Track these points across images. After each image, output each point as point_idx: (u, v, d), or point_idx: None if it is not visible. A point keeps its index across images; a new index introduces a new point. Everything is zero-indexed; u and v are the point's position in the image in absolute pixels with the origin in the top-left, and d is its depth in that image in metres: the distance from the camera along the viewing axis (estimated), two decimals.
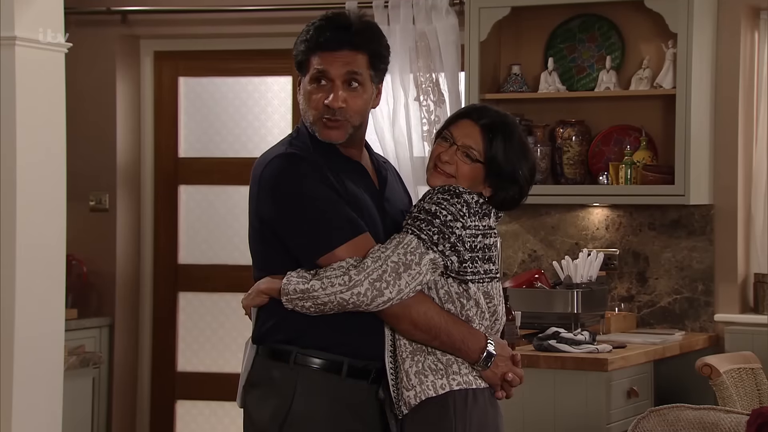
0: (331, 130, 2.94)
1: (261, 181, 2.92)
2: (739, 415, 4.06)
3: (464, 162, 2.93)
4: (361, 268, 2.82)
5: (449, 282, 2.91)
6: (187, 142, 6.48)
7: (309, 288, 2.83)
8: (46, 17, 4.43)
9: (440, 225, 2.85)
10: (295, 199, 2.87)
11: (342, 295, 2.82)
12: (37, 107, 4.41)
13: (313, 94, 2.94)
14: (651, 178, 5.30)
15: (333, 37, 2.91)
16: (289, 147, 2.94)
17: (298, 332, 2.91)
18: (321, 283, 2.82)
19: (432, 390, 2.90)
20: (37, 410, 4.40)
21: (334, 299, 2.82)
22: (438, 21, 5.66)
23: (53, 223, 4.48)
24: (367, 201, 2.96)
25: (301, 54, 2.96)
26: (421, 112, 5.74)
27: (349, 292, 2.81)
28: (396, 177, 3.17)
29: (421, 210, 2.88)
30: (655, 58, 5.45)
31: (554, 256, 5.54)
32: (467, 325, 2.92)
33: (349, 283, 2.81)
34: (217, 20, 6.23)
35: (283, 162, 2.90)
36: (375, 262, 2.82)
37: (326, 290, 2.82)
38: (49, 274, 4.45)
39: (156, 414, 6.47)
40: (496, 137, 2.93)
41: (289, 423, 2.90)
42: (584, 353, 4.72)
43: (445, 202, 2.87)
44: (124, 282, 6.37)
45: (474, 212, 2.89)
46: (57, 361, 4.50)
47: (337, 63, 2.91)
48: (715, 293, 5.44)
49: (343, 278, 2.81)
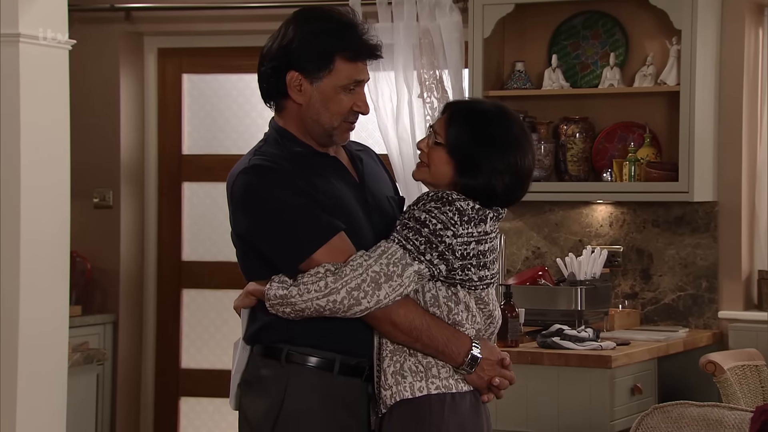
0: (348, 132, 2.97)
1: (232, 197, 2.94)
2: (743, 412, 4.06)
3: (432, 147, 2.93)
4: (338, 275, 2.81)
5: (437, 286, 2.89)
6: (191, 139, 6.48)
7: (287, 294, 2.84)
8: (49, 14, 4.43)
9: (428, 234, 2.83)
10: (265, 212, 2.87)
11: (318, 302, 2.82)
12: (40, 104, 4.41)
13: (343, 99, 2.93)
14: (655, 175, 5.30)
15: (371, 48, 2.93)
16: (253, 157, 2.93)
17: (290, 331, 2.90)
18: (298, 290, 2.83)
19: (408, 392, 2.88)
20: (41, 407, 4.40)
21: (311, 305, 2.82)
22: (442, 18, 5.66)
23: (57, 220, 4.48)
24: (347, 198, 2.94)
25: (327, 54, 2.91)
26: (425, 109, 5.74)
27: (325, 299, 2.81)
28: (376, 160, 3.14)
29: (411, 217, 2.86)
30: (659, 55, 5.44)
31: (558, 253, 5.54)
32: (451, 329, 2.89)
33: (325, 290, 2.81)
34: (220, 17, 6.23)
35: (249, 176, 2.89)
36: (354, 270, 2.81)
37: (303, 296, 2.82)
38: (53, 271, 4.45)
39: (160, 411, 6.48)
40: (456, 121, 2.91)
41: (281, 421, 2.89)
42: (588, 350, 4.72)
43: (435, 210, 2.85)
44: (128, 279, 6.37)
45: (468, 219, 2.86)
46: (61, 358, 4.50)
47: (365, 71, 2.96)
48: (719, 290, 5.43)
49: (318, 284, 2.81)
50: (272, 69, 2.93)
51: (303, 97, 2.93)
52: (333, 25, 2.92)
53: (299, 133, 2.97)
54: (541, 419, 4.68)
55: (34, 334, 4.37)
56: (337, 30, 2.91)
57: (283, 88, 2.94)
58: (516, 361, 4.50)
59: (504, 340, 4.76)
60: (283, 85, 2.93)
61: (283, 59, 2.92)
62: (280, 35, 2.95)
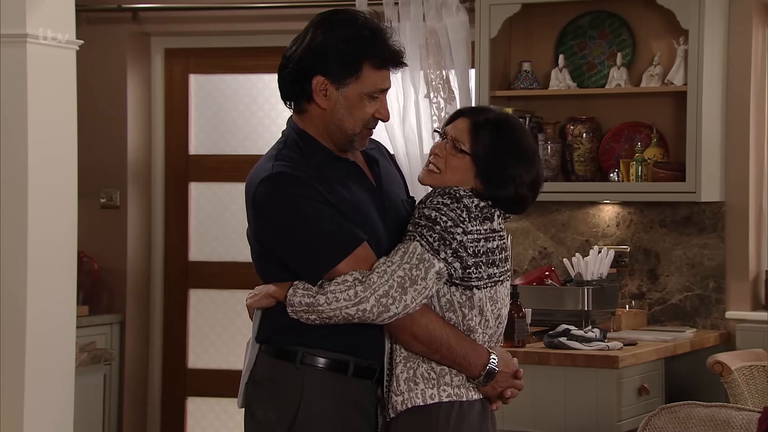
0: (367, 138, 2.98)
1: (254, 204, 2.90)
2: (751, 412, 4.05)
3: (452, 154, 2.92)
4: (367, 284, 2.81)
5: (452, 290, 2.89)
6: (198, 139, 6.49)
7: (314, 302, 2.83)
8: (57, 15, 4.43)
9: (441, 231, 2.84)
10: (289, 222, 2.85)
11: (347, 311, 2.82)
12: (48, 105, 4.42)
13: (367, 106, 2.93)
14: (662, 175, 5.29)
15: (397, 55, 2.94)
16: (276, 162, 2.90)
17: (303, 332, 2.90)
18: (326, 298, 2.82)
19: (420, 398, 2.88)
20: (49, 407, 4.41)
21: (339, 314, 2.82)
22: (448, 18, 5.66)
23: (64, 220, 4.49)
24: (365, 204, 2.93)
25: (356, 61, 2.90)
26: (432, 109, 5.73)
27: (355, 308, 2.81)
28: (389, 159, 3.13)
29: (422, 216, 2.86)
30: (666, 55, 5.44)
31: (565, 254, 5.53)
32: (469, 340, 2.90)
33: (355, 299, 2.81)
34: (227, 17, 6.23)
35: (273, 184, 2.86)
36: (381, 277, 2.81)
37: (331, 305, 2.82)
38: (60, 271, 4.46)
39: (167, 410, 6.48)
40: (483, 131, 2.92)
41: (297, 425, 2.88)
42: (595, 350, 4.72)
43: (444, 207, 2.85)
44: (135, 279, 6.38)
45: (474, 216, 2.87)
46: (68, 357, 4.51)
47: (389, 80, 2.97)
48: (726, 290, 5.43)
49: (348, 293, 2.81)
50: (297, 72, 2.91)
51: (328, 102, 2.92)
52: (362, 32, 2.90)
53: (319, 137, 2.95)
54: (548, 420, 4.67)
55: (42, 334, 4.37)
56: (366, 37, 2.90)
57: (308, 91, 2.91)
58: (523, 361, 4.50)
59: (511, 340, 4.76)
60: (308, 88, 2.91)
61: (310, 63, 2.89)
62: (307, 38, 2.91)
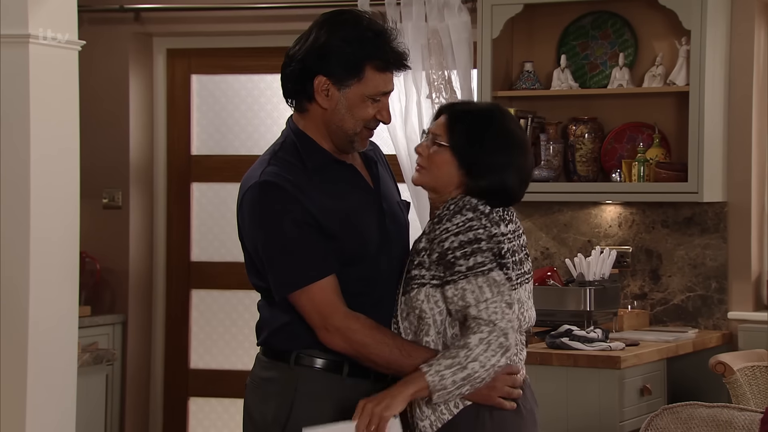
0: (367, 139, 2.97)
1: (240, 208, 2.95)
2: (753, 412, 4.05)
3: (433, 150, 2.92)
4: (500, 331, 2.80)
5: None
6: (200, 139, 6.49)
7: (470, 374, 2.79)
8: (59, 15, 4.43)
9: (486, 246, 2.84)
10: (265, 236, 2.87)
11: (500, 363, 2.83)
12: (50, 105, 4.42)
13: (368, 108, 2.92)
14: (664, 176, 5.29)
15: (400, 57, 2.92)
16: (268, 167, 2.90)
17: (299, 333, 2.90)
18: (480, 364, 2.80)
19: (447, 414, 2.88)
20: (51, 407, 4.41)
21: (492, 371, 2.83)
22: (450, 18, 5.66)
23: (66, 221, 4.49)
24: (361, 207, 2.93)
25: (358, 63, 2.89)
26: (434, 110, 5.73)
27: (504, 357, 2.83)
28: (383, 162, 3.13)
29: (458, 248, 2.83)
30: (668, 55, 5.43)
31: (567, 254, 5.53)
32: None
33: (501, 349, 2.82)
34: (229, 18, 6.23)
35: (259, 194, 2.88)
36: (502, 317, 2.82)
37: (485, 367, 2.81)
38: (62, 271, 4.46)
39: (169, 411, 6.48)
40: (458, 123, 2.92)
41: (291, 424, 2.89)
42: (597, 351, 4.72)
43: (469, 222, 2.84)
44: (137, 279, 6.38)
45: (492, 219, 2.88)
46: (70, 358, 4.51)
47: (392, 82, 2.95)
48: (728, 291, 5.42)
49: (496, 353, 2.80)
50: (300, 71, 2.91)
51: (329, 102, 2.92)
52: (365, 33, 2.89)
53: (319, 137, 2.95)
54: (550, 420, 4.67)
55: (44, 334, 4.37)
56: (369, 39, 2.89)
57: (309, 90, 2.91)
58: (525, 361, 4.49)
59: None
60: (310, 87, 2.91)
61: (312, 62, 2.89)
62: (310, 37, 2.91)
